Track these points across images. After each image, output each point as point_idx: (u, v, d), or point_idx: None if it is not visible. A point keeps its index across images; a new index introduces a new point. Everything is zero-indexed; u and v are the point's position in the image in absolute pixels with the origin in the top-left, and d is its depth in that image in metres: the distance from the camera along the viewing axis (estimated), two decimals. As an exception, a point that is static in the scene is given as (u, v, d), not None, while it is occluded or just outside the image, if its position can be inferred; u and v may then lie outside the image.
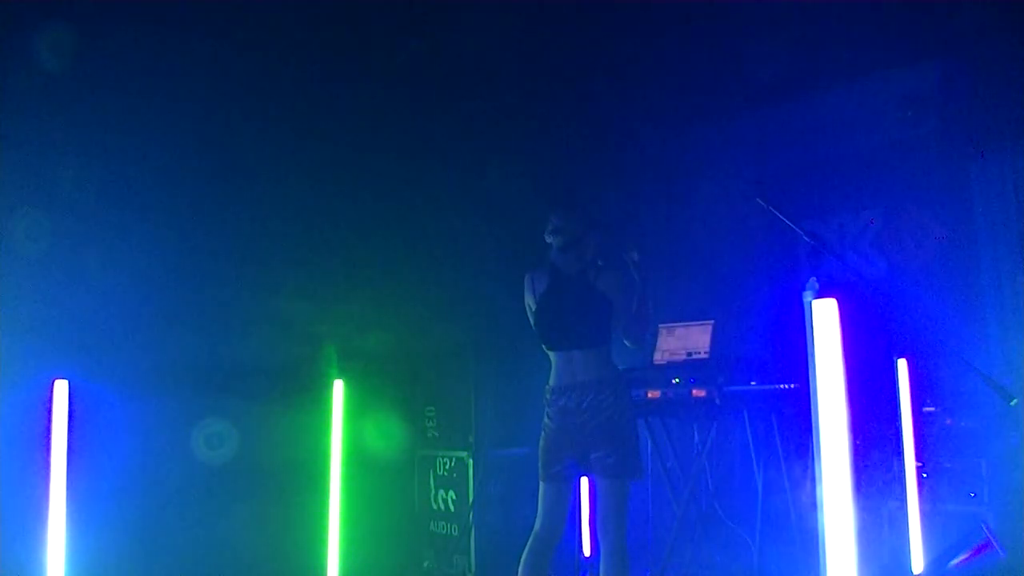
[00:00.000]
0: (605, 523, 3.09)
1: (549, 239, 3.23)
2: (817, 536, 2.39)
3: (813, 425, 2.42)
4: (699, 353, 4.22)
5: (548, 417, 3.18)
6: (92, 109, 3.82)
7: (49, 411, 3.25)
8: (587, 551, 4.54)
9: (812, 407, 2.42)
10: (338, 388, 4.43)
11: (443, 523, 4.99)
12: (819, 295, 2.41)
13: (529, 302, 3.28)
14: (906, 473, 3.95)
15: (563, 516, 3.20)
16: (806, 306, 2.43)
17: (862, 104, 4.82)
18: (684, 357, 4.25)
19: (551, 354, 3.22)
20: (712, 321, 4.29)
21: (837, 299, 2.40)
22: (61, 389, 3.27)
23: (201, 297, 4.13)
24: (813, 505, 2.46)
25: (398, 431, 5.02)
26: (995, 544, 3.45)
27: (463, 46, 4.52)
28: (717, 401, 3.91)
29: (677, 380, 3.99)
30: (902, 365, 4.02)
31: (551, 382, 3.20)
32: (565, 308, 3.16)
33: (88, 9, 3.61)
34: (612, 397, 3.09)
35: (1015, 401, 3.02)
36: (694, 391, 3.91)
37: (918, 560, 3.88)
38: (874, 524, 4.01)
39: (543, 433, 3.20)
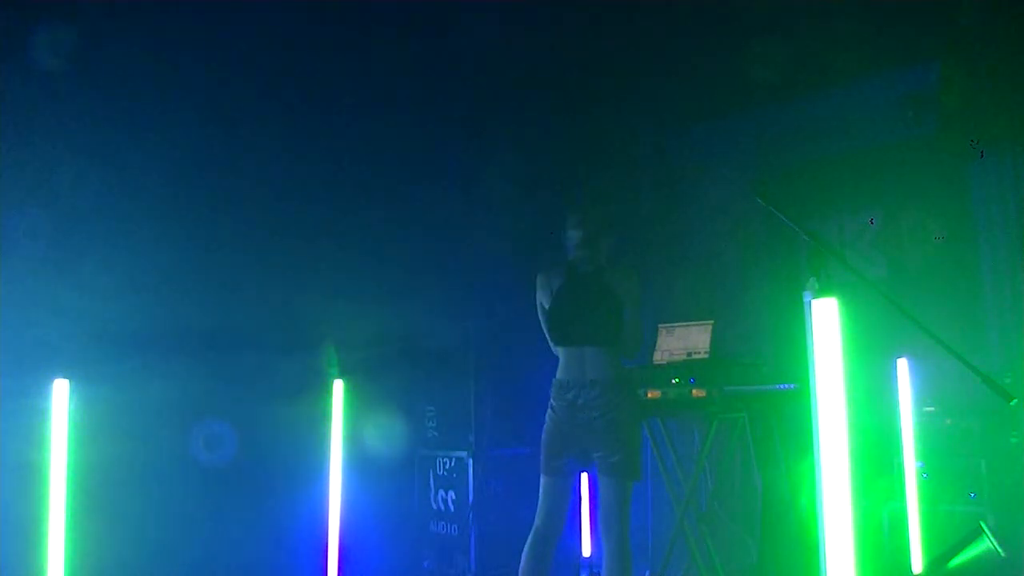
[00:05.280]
0: (608, 522, 3.09)
1: (570, 233, 3.26)
2: (817, 536, 2.39)
3: (813, 425, 2.41)
4: (699, 353, 4.22)
5: (552, 410, 3.19)
6: (92, 109, 3.82)
7: (49, 411, 3.24)
8: (587, 551, 4.54)
9: (812, 407, 2.42)
10: (338, 388, 4.43)
11: (443, 523, 4.99)
12: (819, 295, 2.41)
13: (542, 299, 3.29)
14: (906, 473, 3.95)
15: (564, 511, 3.20)
16: (806, 306, 2.43)
17: (862, 104, 4.82)
18: (684, 357, 4.25)
19: (561, 350, 3.23)
20: (712, 321, 4.29)
21: (837, 299, 2.40)
22: (61, 389, 3.27)
23: (201, 298, 4.13)
24: (813, 505, 2.46)
25: (398, 431, 5.02)
26: (994, 544, 3.45)
27: (464, 44, 4.52)
28: (717, 401, 3.91)
29: (677, 380, 3.98)
30: (902, 365, 4.02)
31: (559, 375, 3.21)
32: (581, 304, 3.19)
33: (88, 9, 3.61)
34: (620, 397, 3.10)
35: (1015, 401, 3.01)
36: (694, 391, 3.90)
37: (918, 560, 3.88)
38: (874, 524, 4.01)
39: (547, 425, 3.20)
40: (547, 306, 3.27)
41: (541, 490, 3.21)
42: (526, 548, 3.16)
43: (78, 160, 3.80)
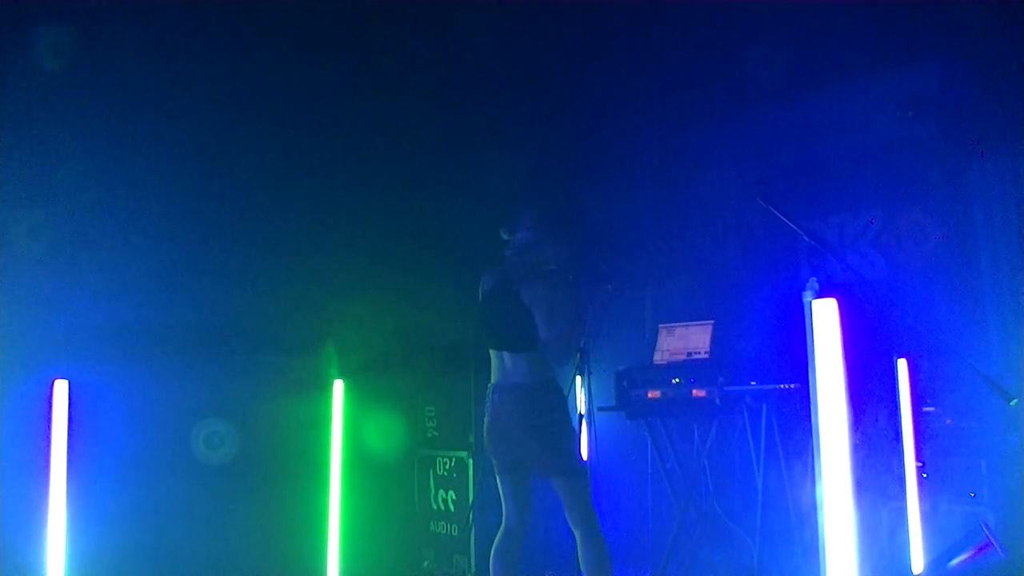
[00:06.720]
0: (571, 519, 3.12)
1: (505, 237, 3.24)
2: (817, 536, 2.39)
3: (813, 425, 2.42)
4: (699, 353, 4.22)
5: (486, 411, 3.20)
6: (92, 109, 3.82)
7: (49, 411, 3.25)
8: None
9: (812, 407, 2.42)
10: (338, 388, 4.43)
11: (443, 523, 4.99)
12: (819, 295, 2.41)
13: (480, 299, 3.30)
14: (906, 473, 3.94)
15: (525, 505, 3.23)
16: (806, 306, 2.44)
17: (862, 104, 4.81)
18: (684, 357, 4.25)
19: (491, 353, 3.24)
20: (712, 321, 4.29)
21: (837, 299, 2.40)
22: (61, 389, 3.28)
23: (201, 298, 4.13)
24: (813, 505, 2.46)
25: (398, 431, 5.02)
26: (995, 544, 3.45)
27: (463, 44, 4.52)
28: (717, 401, 3.91)
29: (677, 380, 3.98)
30: (902, 365, 4.02)
31: (491, 378, 3.22)
32: (496, 310, 3.19)
33: (88, 9, 3.61)
34: (542, 401, 3.07)
35: (1015, 401, 3.02)
36: (694, 391, 3.91)
37: (918, 560, 3.88)
38: (874, 524, 4.01)
39: (484, 428, 3.21)
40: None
41: (500, 490, 3.23)
42: (495, 545, 3.21)
43: (78, 160, 3.80)
